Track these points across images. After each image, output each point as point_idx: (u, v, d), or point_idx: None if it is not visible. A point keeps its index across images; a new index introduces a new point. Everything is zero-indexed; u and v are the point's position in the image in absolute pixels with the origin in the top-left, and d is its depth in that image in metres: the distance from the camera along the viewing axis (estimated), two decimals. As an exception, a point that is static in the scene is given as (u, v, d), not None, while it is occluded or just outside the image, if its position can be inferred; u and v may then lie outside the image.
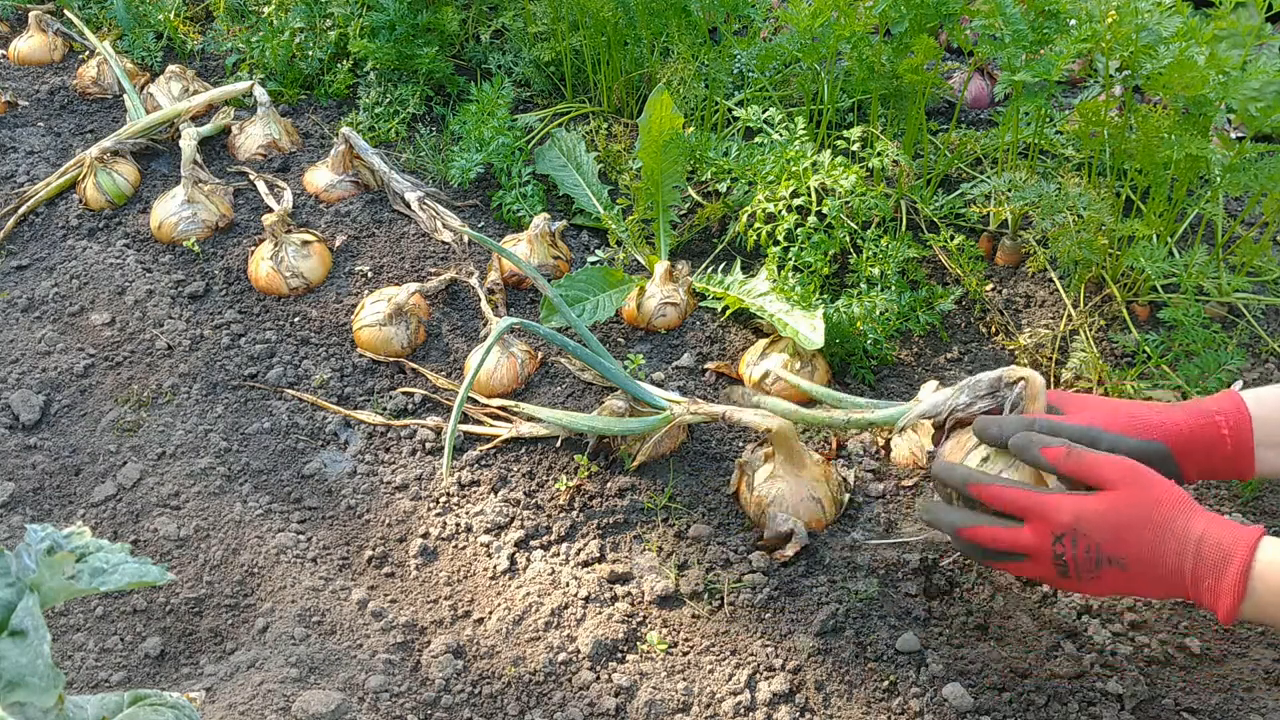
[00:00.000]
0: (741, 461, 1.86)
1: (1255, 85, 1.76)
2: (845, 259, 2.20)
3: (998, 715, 1.52)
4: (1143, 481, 1.25)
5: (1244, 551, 1.16)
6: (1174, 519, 1.22)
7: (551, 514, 1.84)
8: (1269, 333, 2.10)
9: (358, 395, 2.08)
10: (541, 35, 2.80)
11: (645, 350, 2.16)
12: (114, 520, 1.84)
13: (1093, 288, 2.16)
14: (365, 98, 2.79)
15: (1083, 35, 1.87)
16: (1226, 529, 1.19)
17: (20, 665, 0.80)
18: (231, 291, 2.31)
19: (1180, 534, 1.21)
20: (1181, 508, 1.22)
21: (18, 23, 3.32)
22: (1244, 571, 1.16)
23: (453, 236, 2.36)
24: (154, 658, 1.63)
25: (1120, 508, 1.25)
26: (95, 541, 0.91)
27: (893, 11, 2.10)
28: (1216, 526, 1.20)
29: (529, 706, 1.56)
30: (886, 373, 2.13)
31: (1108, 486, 1.27)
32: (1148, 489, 1.24)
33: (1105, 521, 1.25)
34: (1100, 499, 1.27)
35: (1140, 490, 1.25)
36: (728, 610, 1.68)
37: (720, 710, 1.54)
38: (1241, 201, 2.50)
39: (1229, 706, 1.54)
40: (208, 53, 3.12)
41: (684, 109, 2.40)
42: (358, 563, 1.78)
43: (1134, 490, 1.25)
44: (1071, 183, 2.10)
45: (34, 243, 2.46)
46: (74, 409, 2.06)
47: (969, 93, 2.81)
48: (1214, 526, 1.20)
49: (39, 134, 2.80)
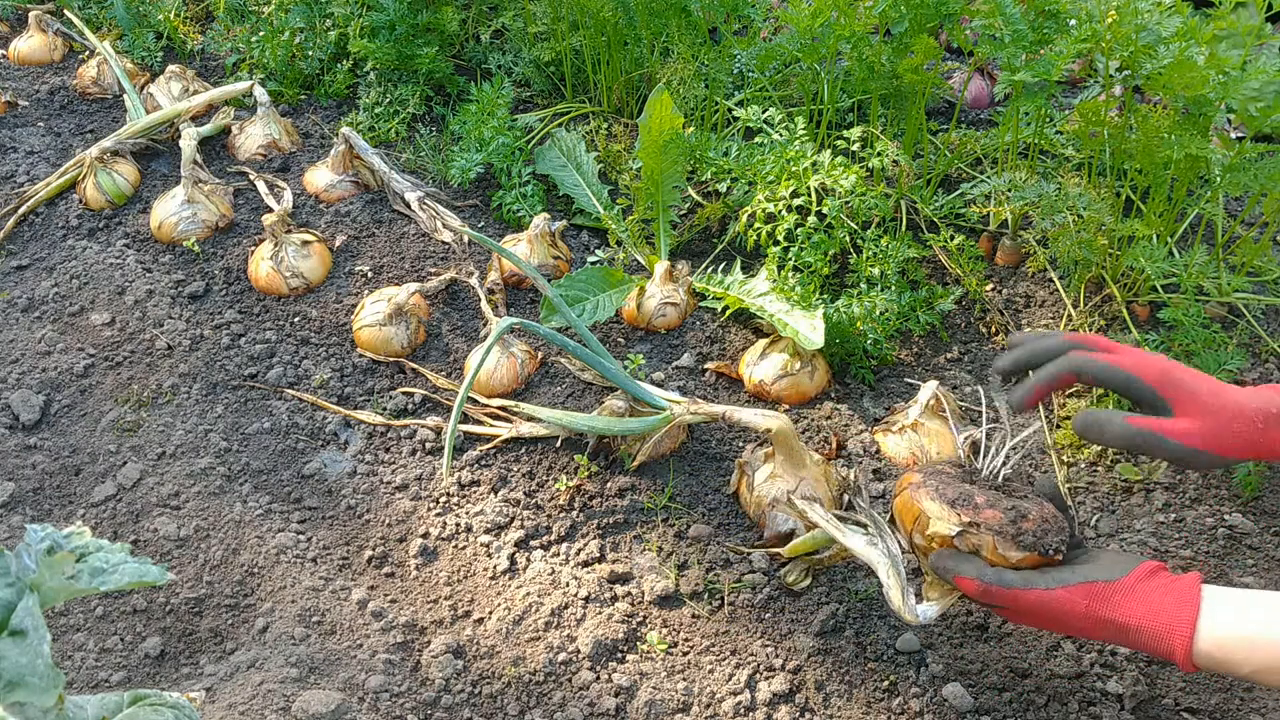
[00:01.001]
0: (741, 461, 1.86)
1: (1255, 85, 1.76)
2: (845, 259, 2.20)
3: (998, 715, 1.52)
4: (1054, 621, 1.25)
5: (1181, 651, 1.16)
6: (1099, 637, 1.23)
7: (551, 514, 1.84)
8: (1269, 333, 2.10)
9: (358, 395, 2.08)
10: (541, 35, 2.80)
11: (645, 350, 2.16)
12: (114, 520, 1.84)
13: (1093, 288, 2.16)
14: (365, 98, 2.79)
15: (1083, 35, 1.87)
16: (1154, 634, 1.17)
17: (20, 665, 0.80)
18: (231, 291, 2.31)
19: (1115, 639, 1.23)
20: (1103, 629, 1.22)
21: (18, 23, 3.32)
22: (1188, 661, 1.17)
23: (453, 236, 2.36)
24: (154, 658, 1.63)
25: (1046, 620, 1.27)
26: (95, 541, 0.91)
27: (893, 11, 2.10)
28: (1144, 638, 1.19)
29: (529, 706, 1.56)
30: (886, 373, 2.13)
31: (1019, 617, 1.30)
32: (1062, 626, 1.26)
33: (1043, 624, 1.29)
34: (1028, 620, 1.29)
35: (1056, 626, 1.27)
36: (728, 610, 1.68)
37: (720, 710, 1.54)
38: (1241, 201, 2.50)
39: (1229, 706, 1.54)
40: (208, 53, 3.12)
41: (684, 109, 2.40)
42: (358, 563, 1.78)
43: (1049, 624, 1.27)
44: (1071, 183, 2.10)
45: (34, 243, 2.46)
46: (74, 409, 2.06)
47: (969, 93, 2.81)
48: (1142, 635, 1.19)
49: (39, 134, 2.80)
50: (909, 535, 1.40)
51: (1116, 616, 1.20)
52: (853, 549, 1.48)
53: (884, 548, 1.44)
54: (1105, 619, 1.20)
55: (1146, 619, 1.18)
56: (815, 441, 1.96)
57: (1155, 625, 1.17)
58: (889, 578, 1.40)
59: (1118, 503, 1.85)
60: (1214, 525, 1.79)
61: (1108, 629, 1.21)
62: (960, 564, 1.30)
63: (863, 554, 1.46)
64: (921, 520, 1.35)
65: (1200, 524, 1.79)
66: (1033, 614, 1.26)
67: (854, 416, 2.01)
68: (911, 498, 1.38)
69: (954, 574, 1.30)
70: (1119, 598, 1.20)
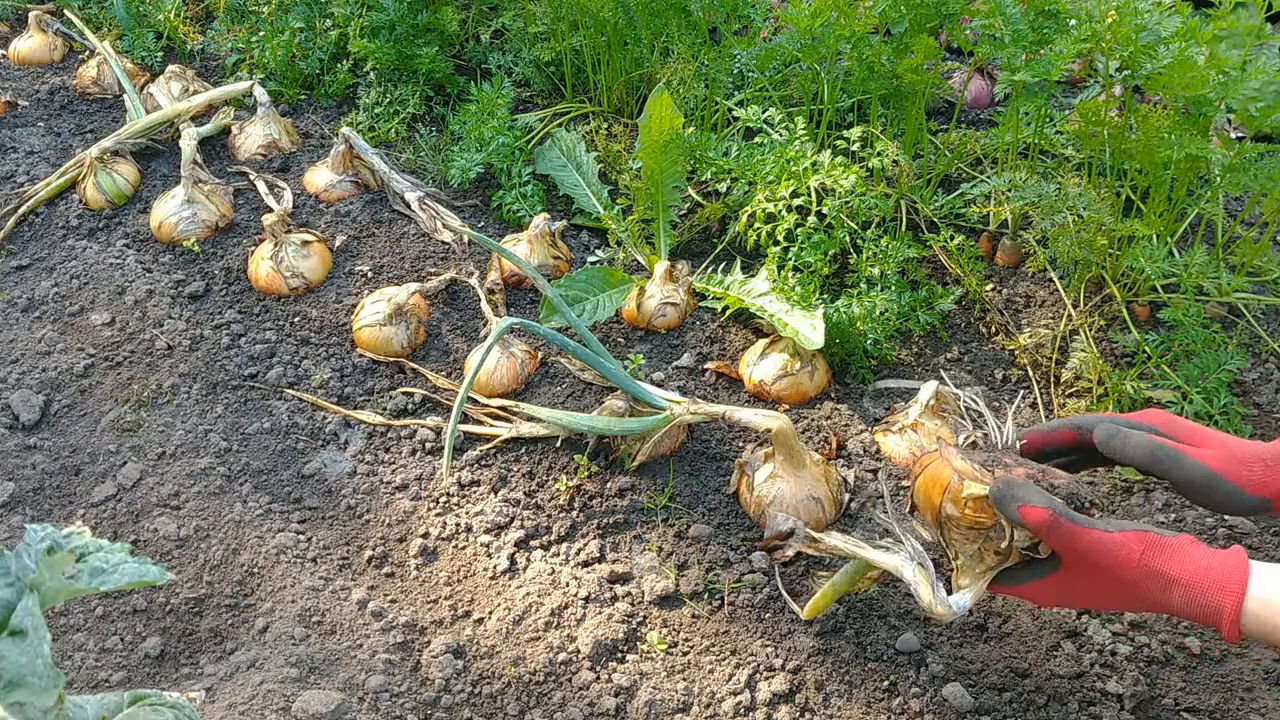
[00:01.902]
0: (741, 461, 1.86)
1: (1255, 85, 1.76)
2: (845, 259, 2.20)
3: (998, 715, 1.52)
4: (1108, 567, 1.22)
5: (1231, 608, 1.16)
6: (1148, 594, 1.21)
7: (551, 514, 1.84)
8: (1269, 333, 2.10)
9: (358, 395, 2.08)
10: (541, 35, 2.80)
11: (645, 350, 2.16)
12: (114, 520, 1.84)
13: (1093, 288, 2.16)
14: (365, 98, 2.79)
15: (1083, 35, 1.87)
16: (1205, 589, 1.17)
17: (20, 665, 0.80)
18: (231, 291, 2.31)
19: (1161, 604, 1.21)
20: (1152, 581, 1.20)
21: (18, 23, 3.32)
22: (1235, 621, 1.16)
23: (453, 236, 2.36)
24: (154, 658, 1.63)
25: (1090, 591, 1.25)
26: (95, 541, 0.90)
27: (893, 11, 2.10)
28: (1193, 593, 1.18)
29: (529, 706, 1.56)
30: (886, 373, 2.13)
31: (1071, 567, 1.26)
32: (1114, 572, 1.22)
33: (1083, 599, 1.27)
34: (1071, 583, 1.26)
35: (1105, 575, 1.23)
36: (728, 610, 1.68)
37: (720, 710, 1.54)
38: (1241, 201, 2.50)
39: (1229, 706, 1.54)
40: (208, 53, 3.12)
41: (684, 109, 2.40)
42: (358, 563, 1.78)
43: (1099, 576, 1.24)
44: (1071, 183, 2.10)
45: (34, 243, 2.46)
46: (74, 409, 2.06)
47: (969, 93, 2.81)
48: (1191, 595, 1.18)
49: (39, 134, 2.80)
50: (936, 511, 1.33)
51: (1169, 569, 1.18)
52: (878, 562, 1.42)
53: (907, 548, 1.40)
54: (1157, 570, 1.19)
55: (1198, 574, 1.17)
56: (815, 441, 1.96)
57: (1207, 581, 1.17)
58: (915, 575, 1.36)
59: (1118, 503, 1.85)
60: (1214, 525, 1.79)
61: (1155, 581, 1.19)
62: (1030, 492, 1.23)
63: (888, 564, 1.41)
64: (953, 486, 1.29)
65: (1200, 524, 1.79)
66: (1085, 558, 1.22)
67: (854, 416, 2.01)
68: (938, 467, 1.32)
69: (1021, 503, 1.22)
70: (1171, 552, 1.20)
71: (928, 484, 1.34)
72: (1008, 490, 1.24)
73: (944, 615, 1.32)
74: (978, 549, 1.31)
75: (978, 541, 1.30)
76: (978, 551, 1.31)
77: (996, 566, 1.30)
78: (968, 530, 1.30)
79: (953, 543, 1.33)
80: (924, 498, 1.35)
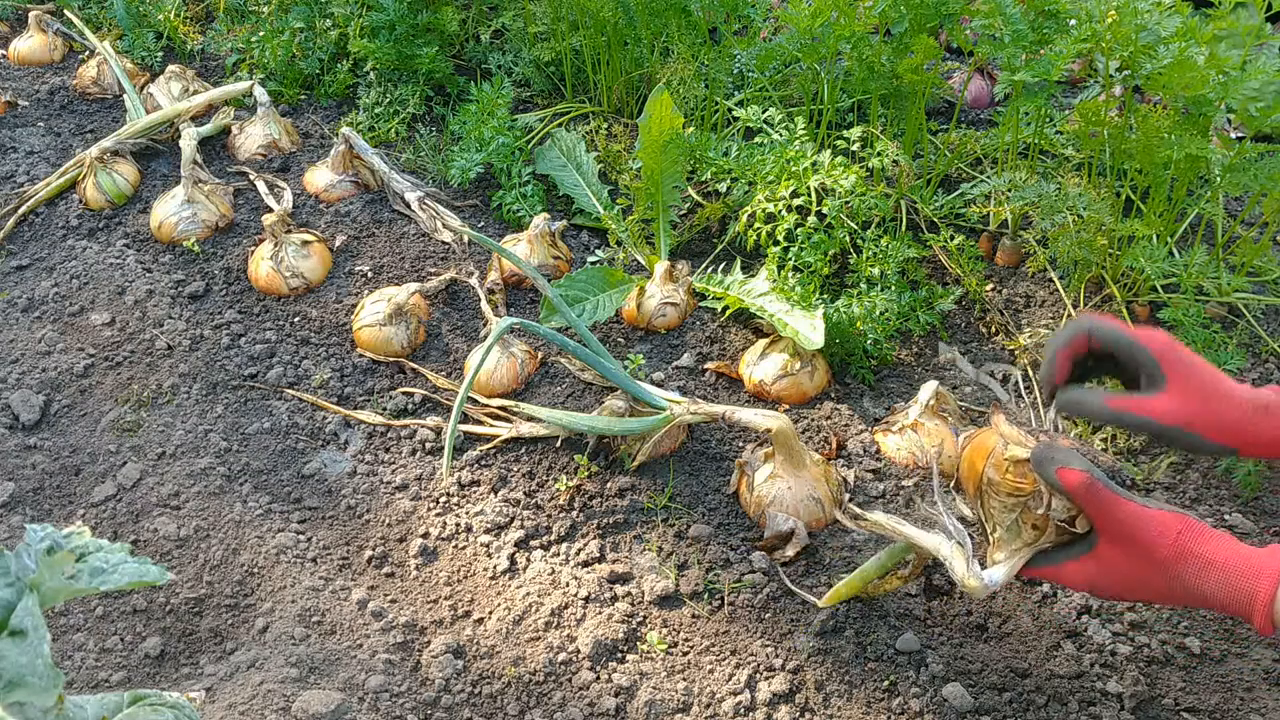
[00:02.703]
0: (741, 461, 1.86)
1: (1255, 85, 1.76)
2: (845, 259, 2.20)
3: (998, 715, 1.52)
4: (1143, 542, 1.21)
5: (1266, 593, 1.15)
6: (1183, 576, 1.20)
7: (551, 514, 1.84)
8: (1269, 333, 2.10)
9: (358, 395, 2.08)
10: (541, 35, 2.80)
11: (645, 350, 2.16)
12: (114, 520, 1.84)
13: (1093, 288, 2.16)
14: (365, 98, 2.79)
15: (1083, 35, 1.87)
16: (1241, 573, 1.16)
17: (20, 665, 0.80)
18: (231, 291, 2.31)
19: (1193, 590, 1.19)
20: (1187, 562, 1.19)
21: (18, 23, 3.32)
22: (1269, 605, 1.15)
23: (453, 236, 2.36)
24: (154, 658, 1.63)
25: (1124, 572, 1.23)
26: (95, 541, 0.90)
27: (893, 11, 2.10)
28: (1228, 575, 1.17)
29: (529, 706, 1.56)
30: (886, 373, 2.13)
31: (1107, 541, 1.24)
32: (1149, 550, 1.21)
33: (1114, 583, 1.25)
34: (1105, 562, 1.25)
35: (1141, 552, 1.22)
36: (728, 610, 1.68)
37: (720, 710, 1.54)
38: (1241, 201, 2.50)
39: (1229, 706, 1.54)
40: (208, 53, 3.12)
41: (684, 109, 2.40)
42: (358, 563, 1.78)
43: (1135, 552, 1.23)
44: (1071, 183, 2.10)
45: (34, 243, 2.46)
46: (74, 409, 2.06)
47: (969, 93, 2.81)
48: (1227, 579, 1.17)
49: (39, 134, 2.80)
50: (978, 479, 1.33)
51: (1205, 551, 1.18)
52: (919, 540, 1.42)
53: (945, 522, 1.39)
54: (1193, 551, 1.18)
55: (1235, 559, 1.17)
56: (815, 441, 1.96)
57: (1244, 566, 1.16)
58: (951, 550, 1.35)
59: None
60: (1214, 524, 1.78)
61: (1191, 563, 1.18)
62: (1070, 456, 1.23)
63: (928, 544, 1.40)
64: (996, 451, 1.29)
65: (1200, 524, 1.79)
66: (1120, 530, 1.22)
67: (854, 416, 2.01)
68: (985, 436, 1.32)
69: (1060, 464, 1.22)
70: (1208, 536, 1.20)
71: (973, 452, 1.35)
72: (1048, 452, 1.24)
73: (976, 589, 1.31)
74: (1015, 520, 1.30)
75: (1015, 511, 1.30)
76: (1015, 523, 1.30)
77: (1033, 543, 1.30)
78: (1006, 498, 1.30)
79: (991, 514, 1.33)
80: (968, 466, 1.36)
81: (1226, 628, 1.65)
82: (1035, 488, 1.28)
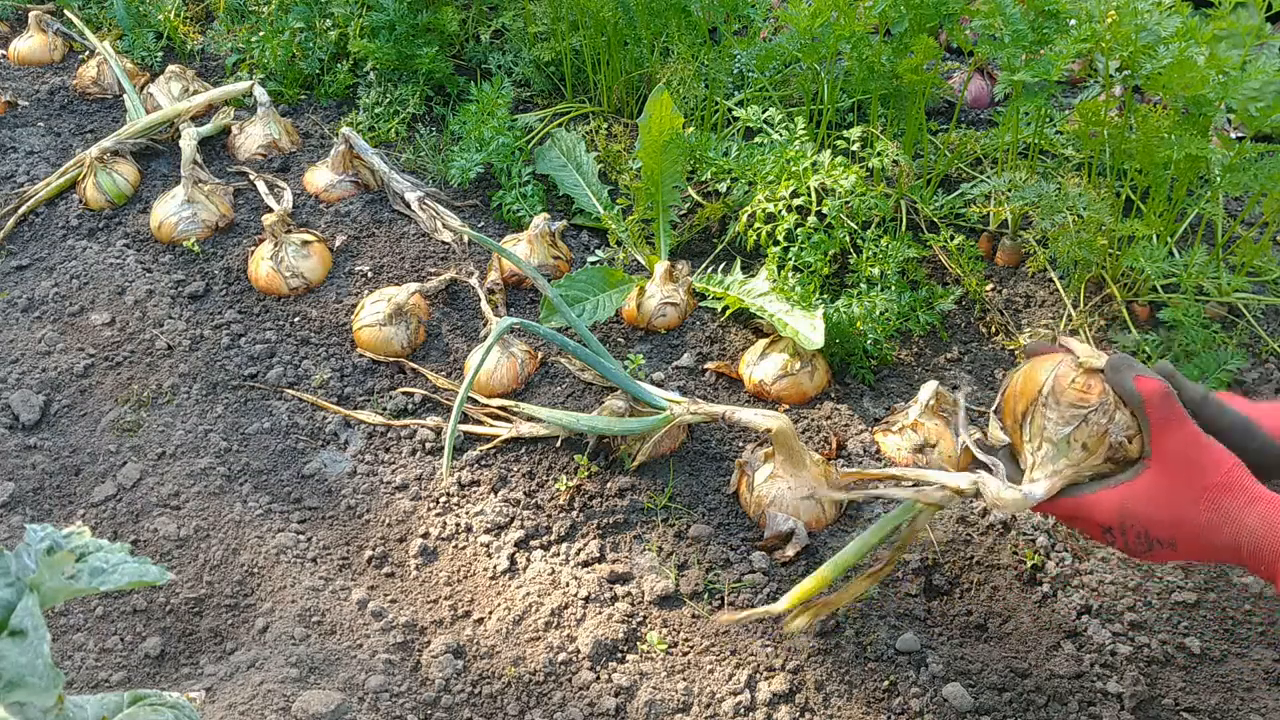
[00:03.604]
0: (741, 461, 1.86)
1: (1255, 85, 1.76)
2: (845, 259, 2.20)
3: (998, 715, 1.52)
4: (1197, 465, 1.19)
5: None
6: (1227, 507, 1.18)
7: (551, 514, 1.84)
8: (1269, 333, 2.10)
9: (358, 395, 2.08)
10: (541, 35, 2.80)
11: (645, 350, 2.16)
12: (114, 520, 1.84)
13: (1093, 288, 2.16)
14: (365, 98, 2.79)
15: (1083, 35, 1.87)
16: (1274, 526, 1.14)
17: (20, 665, 0.80)
18: (231, 291, 2.31)
19: (1234, 521, 1.17)
20: (1235, 493, 1.18)
21: (18, 23, 3.32)
22: None
23: (453, 236, 2.36)
24: (154, 658, 1.63)
25: (1168, 495, 1.21)
26: (95, 541, 0.91)
27: (893, 11, 2.10)
28: (1273, 513, 1.16)
29: (529, 706, 1.56)
30: (886, 373, 2.13)
31: (1160, 461, 1.21)
32: (1201, 474, 1.19)
33: (1152, 510, 1.22)
34: (1149, 485, 1.22)
35: (1193, 475, 1.20)
36: (728, 610, 1.68)
37: (720, 710, 1.54)
38: (1241, 201, 2.50)
39: (1229, 706, 1.54)
40: (208, 53, 3.12)
41: (684, 109, 2.40)
42: (358, 563, 1.78)
43: (1186, 475, 1.20)
44: (1071, 183, 2.10)
45: (34, 243, 2.46)
46: (74, 409, 2.06)
47: (969, 93, 2.81)
48: (1270, 513, 1.16)
49: (39, 134, 2.80)
50: (1033, 398, 1.27)
51: (1253, 486, 1.17)
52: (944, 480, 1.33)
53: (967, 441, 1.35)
54: (1242, 484, 1.17)
55: (1268, 513, 1.15)
56: (815, 441, 1.96)
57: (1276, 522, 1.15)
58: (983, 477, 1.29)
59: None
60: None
61: (1237, 495, 1.17)
62: (1146, 370, 1.22)
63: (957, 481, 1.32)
64: (1064, 364, 1.25)
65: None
66: (1180, 449, 1.20)
67: (854, 416, 2.01)
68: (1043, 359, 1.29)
69: (1139, 373, 1.21)
70: (1254, 482, 1.19)
71: (1033, 368, 1.30)
72: (1126, 362, 1.23)
73: (1011, 503, 1.25)
74: (1068, 436, 1.25)
75: (1072, 425, 1.24)
76: (1066, 440, 1.25)
77: (1076, 464, 1.25)
78: (1067, 409, 1.25)
79: (1039, 432, 1.27)
80: (1027, 380, 1.30)
81: (1226, 628, 1.65)
82: (1099, 400, 1.23)
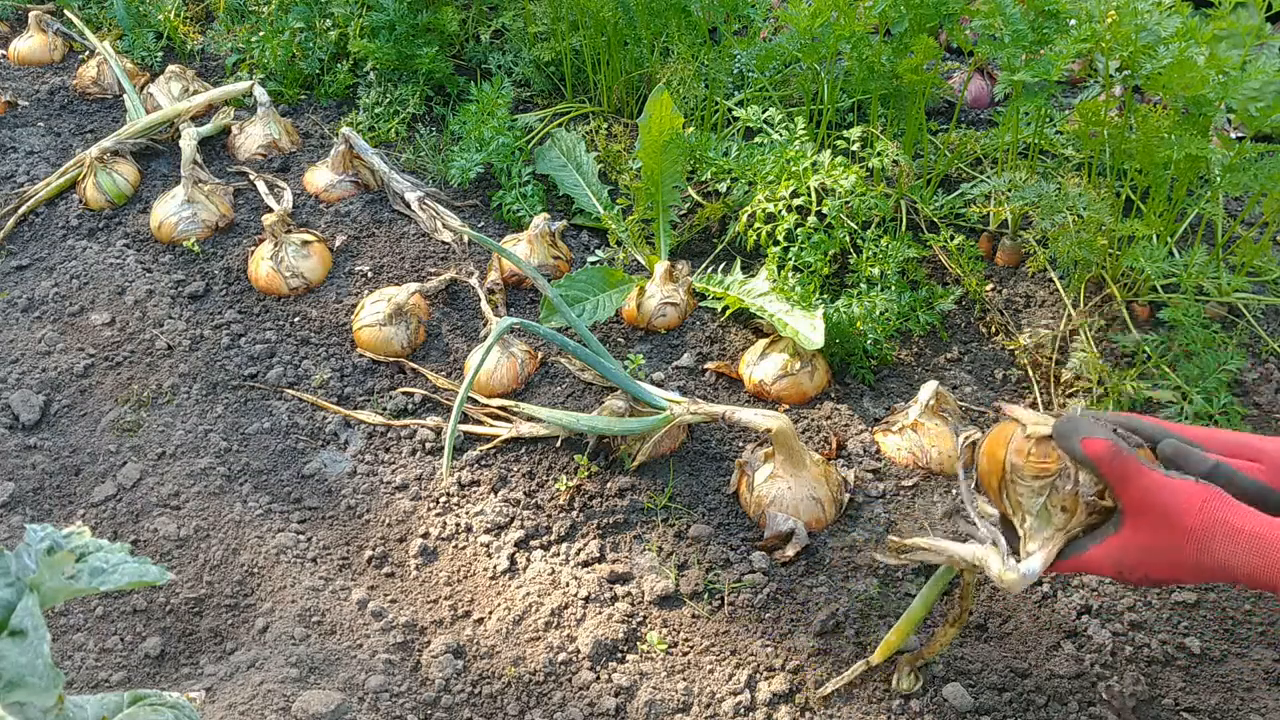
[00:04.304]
0: (741, 461, 1.86)
1: (1255, 85, 1.76)
2: (845, 259, 2.20)
3: (998, 715, 1.52)
4: (1170, 512, 1.19)
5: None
6: (1212, 549, 1.17)
7: (551, 514, 1.84)
8: (1269, 333, 2.10)
9: (358, 395, 2.08)
10: (541, 35, 2.80)
11: (645, 350, 2.16)
12: (114, 520, 1.84)
13: (1093, 288, 2.16)
14: (365, 98, 2.79)
15: (1083, 35, 1.87)
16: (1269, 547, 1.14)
17: (20, 665, 0.80)
18: (231, 291, 2.31)
19: (1220, 561, 1.17)
20: (1213, 533, 1.17)
21: (18, 23, 3.32)
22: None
23: (453, 236, 2.36)
24: (154, 658, 1.63)
25: (1152, 545, 1.20)
26: (95, 541, 0.90)
27: (893, 11, 2.10)
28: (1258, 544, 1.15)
29: (529, 706, 1.56)
30: (886, 373, 2.13)
31: (1132, 515, 1.21)
32: (1178, 519, 1.18)
33: (1143, 558, 1.22)
34: (1131, 538, 1.22)
35: (1169, 522, 1.19)
36: (728, 610, 1.68)
37: (720, 710, 1.54)
38: (1241, 201, 2.50)
39: (1229, 706, 1.54)
40: (208, 53, 3.12)
41: (684, 109, 2.40)
42: (358, 563, 1.78)
43: (1162, 523, 1.19)
44: (1071, 183, 2.10)
45: (34, 243, 2.46)
46: (74, 409, 2.06)
47: (969, 93, 2.81)
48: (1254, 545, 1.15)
49: (39, 134, 2.80)
50: (1001, 471, 1.28)
51: (1231, 519, 1.16)
52: (962, 554, 1.36)
53: (981, 531, 1.34)
54: (1220, 519, 1.16)
55: (1263, 528, 1.15)
56: (815, 441, 1.96)
57: (1272, 535, 1.15)
58: (987, 551, 1.31)
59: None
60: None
61: (1220, 531, 1.16)
62: (1093, 427, 1.20)
63: (970, 555, 1.34)
64: (1017, 435, 1.26)
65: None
66: (1146, 501, 1.19)
67: (854, 416, 2.01)
68: (1003, 427, 1.29)
69: (1084, 435, 1.20)
70: (1235, 506, 1.18)
71: (992, 444, 1.31)
72: (1071, 425, 1.22)
73: (1014, 582, 1.26)
74: (1044, 504, 1.26)
75: (1043, 494, 1.26)
76: (1044, 508, 1.26)
77: (1063, 527, 1.26)
78: (1033, 481, 1.26)
79: (1019, 505, 1.29)
80: (989, 459, 1.31)
81: (1226, 628, 1.65)
82: (1060, 465, 1.24)
